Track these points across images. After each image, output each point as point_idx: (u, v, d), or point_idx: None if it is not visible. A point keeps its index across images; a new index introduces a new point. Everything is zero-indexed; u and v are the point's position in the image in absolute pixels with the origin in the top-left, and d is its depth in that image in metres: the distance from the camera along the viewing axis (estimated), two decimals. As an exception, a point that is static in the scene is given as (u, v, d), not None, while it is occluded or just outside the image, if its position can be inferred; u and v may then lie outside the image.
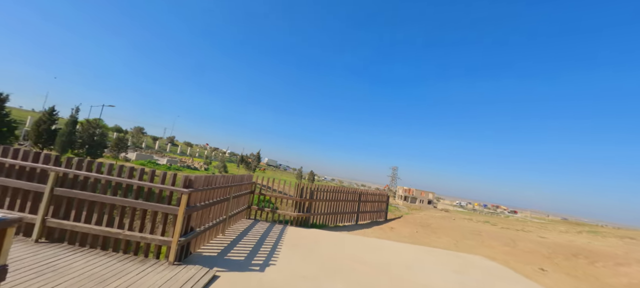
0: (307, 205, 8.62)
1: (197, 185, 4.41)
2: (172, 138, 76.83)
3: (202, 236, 4.88)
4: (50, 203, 4.03)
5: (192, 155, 68.41)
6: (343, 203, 10.33)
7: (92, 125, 25.60)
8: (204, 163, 56.28)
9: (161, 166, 38.55)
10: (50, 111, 24.87)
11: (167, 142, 70.96)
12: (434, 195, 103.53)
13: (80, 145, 24.87)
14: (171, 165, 40.69)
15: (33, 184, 4.02)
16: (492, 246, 9.35)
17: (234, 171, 56.24)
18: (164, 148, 65.56)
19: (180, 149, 70.53)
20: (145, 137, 64.12)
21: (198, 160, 59.09)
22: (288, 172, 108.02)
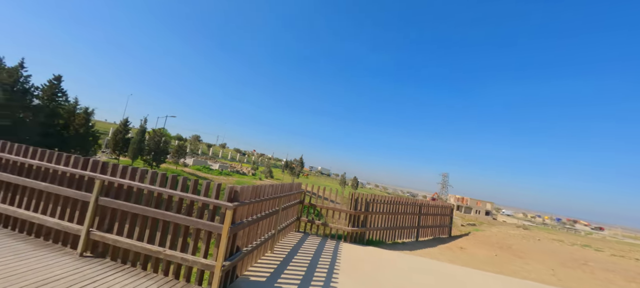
0: (363, 218, 7.52)
1: (243, 197, 3.71)
2: (224, 144, 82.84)
3: (249, 257, 4.18)
4: (96, 214, 3.72)
5: (240, 161, 72.56)
6: (402, 216, 8.95)
7: (157, 134, 28.35)
8: (252, 168, 58.97)
9: (214, 171, 41.26)
10: (124, 122, 28.26)
11: (220, 148, 76.59)
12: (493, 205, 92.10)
13: (148, 152, 27.72)
14: (223, 170, 43.30)
15: (80, 193, 3.76)
16: (613, 282, 6.98)
17: (279, 176, 57.67)
18: (216, 154, 70.85)
19: (231, 155, 75.39)
20: (201, 144, 70.19)
21: (246, 166, 62.25)
22: (330, 178, 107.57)
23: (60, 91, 20.51)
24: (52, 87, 20.10)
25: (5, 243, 3.61)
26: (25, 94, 18.13)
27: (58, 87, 20.40)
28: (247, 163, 70.13)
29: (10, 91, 17.05)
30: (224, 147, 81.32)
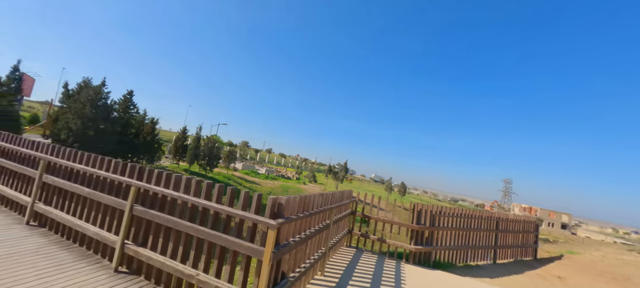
0: (427, 235, 6.23)
1: (289, 212, 2.95)
2: (270, 149, 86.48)
3: (296, 285, 3.39)
4: (131, 225, 3.34)
5: (285, 165, 74.63)
6: (475, 233, 7.33)
7: (211, 141, 30.35)
8: (296, 172, 59.98)
9: (261, 175, 42.83)
10: (183, 131, 30.93)
11: (266, 153, 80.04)
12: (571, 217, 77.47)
13: (203, 157, 29.82)
14: (269, 174, 44.73)
15: (116, 200, 3.44)
16: None
17: (323, 181, 57.46)
18: (263, 159, 74.13)
19: (276, 160, 78.06)
20: (249, 150, 74.26)
21: (291, 170, 63.63)
22: (374, 184, 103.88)
23: (132, 104, 23.21)
24: (126, 101, 22.85)
25: (50, 252, 3.45)
26: (106, 108, 20.84)
27: (130, 101, 23.12)
28: (291, 168, 71.76)
29: (96, 106, 19.76)
30: (270, 152, 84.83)
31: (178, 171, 29.02)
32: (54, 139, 18.96)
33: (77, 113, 18.91)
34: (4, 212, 4.43)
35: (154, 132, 24.49)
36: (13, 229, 3.82)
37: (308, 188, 43.20)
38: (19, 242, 3.52)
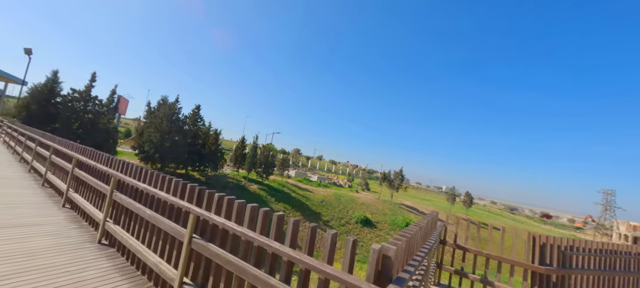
0: (555, 279, 4.47)
1: (398, 266, 1.94)
2: (320, 156, 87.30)
3: None
4: (190, 259, 2.77)
5: (336, 172, 74.05)
6: (629, 278, 5.15)
7: (266, 149, 31.48)
8: (348, 180, 58.78)
9: (313, 183, 42.95)
10: (242, 140, 32.79)
11: (317, 160, 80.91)
12: None
13: (259, 165, 31.08)
14: (321, 181, 44.59)
15: (176, 228, 2.93)
16: None
17: (376, 189, 54.87)
18: (314, 166, 74.96)
19: (327, 167, 78.10)
20: (301, 157, 76.06)
21: (342, 177, 62.67)
22: (434, 192, 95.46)
23: (199, 117, 25.47)
24: (194, 115, 25.17)
25: (113, 281, 3.11)
26: (179, 121, 23.21)
27: (198, 114, 25.40)
28: (342, 175, 70.79)
29: (171, 120, 22.13)
30: (321, 159, 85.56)
31: (238, 178, 30.82)
32: (139, 150, 21.79)
33: (156, 127, 21.40)
34: (83, 227, 4.48)
35: (217, 142, 26.41)
36: (84, 249, 3.69)
37: (361, 197, 41.54)
38: (86, 266, 3.29)
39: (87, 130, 18.05)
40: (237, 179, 30.08)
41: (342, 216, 32.48)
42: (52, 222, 4.47)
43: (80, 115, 18.23)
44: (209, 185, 25.11)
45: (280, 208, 27.49)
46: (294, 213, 28.01)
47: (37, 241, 3.67)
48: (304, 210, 29.65)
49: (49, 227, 4.20)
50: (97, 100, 19.18)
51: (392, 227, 33.95)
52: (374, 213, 36.44)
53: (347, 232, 29.45)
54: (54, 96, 17.99)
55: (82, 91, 18.58)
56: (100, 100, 19.31)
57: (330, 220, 30.17)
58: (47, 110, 17.49)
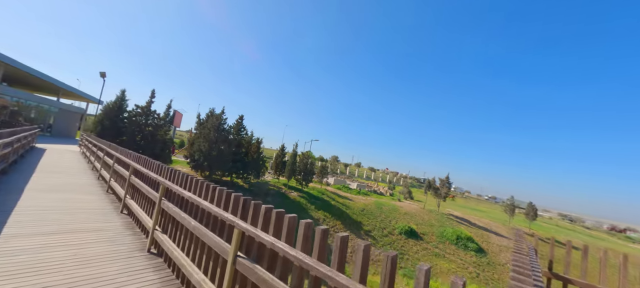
0: None
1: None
2: (359, 164, 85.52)
3: None
4: (234, 281, 2.38)
5: (376, 180, 71.59)
6: None
7: (305, 157, 31.60)
8: (388, 188, 56.26)
9: (353, 190, 41.89)
10: (281, 149, 33.44)
11: (355, 167, 79.37)
12: None
13: (299, 172, 31.28)
14: (360, 189, 43.28)
15: (220, 244, 2.59)
16: None
17: (420, 198, 51.45)
18: (353, 173, 73.58)
19: (366, 174, 76.04)
20: (339, 164, 75.36)
21: (382, 185, 60.27)
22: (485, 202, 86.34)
23: (242, 127, 26.63)
24: (238, 125, 26.38)
25: (157, 297, 2.89)
26: (224, 131, 24.50)
27: (241, 124, 26.58)
28: (382, 183, 68.14)
29: (217, 130, 23.46)
30: (359, 166, 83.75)
31: (279, 185, 31.40)
32: (191, 159, 23.45)
33: (205, 137, 22.84)
34: (136, 234, 4.51)
35: (259, 150, 27.26)
36: (133, 258, 3.61)
37: (404, 206, 39.18)
38: (133, 278, 3.15)
39: (148, 141, 19.97)
40: (278, 186, 30.63)
41: (385, 226, 30.84)
42: (109, 228, 4.59)
43: (142, 128, 20.30)
44: (252, 193, 25.92)
45: (320, 216, 27.12)
46: (333, 222, 27.40)
47: (92, 248, 3.70)
48: (344, 219, 28.83)
49: (105, 234, 4.29)
50: (156, 114, 21.21)
51: (441, 240, 31.16)
52: (420, 224, 33.94)
53: (391, 244, 27.76)
54: (121, 112, 20.39)
55: (143, 107, 20.75)
56: (158, 114, 21.33)
57: (371, 230, 28.83)
58: (116, 124, 19.85)
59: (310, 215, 26.75)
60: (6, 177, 6.82)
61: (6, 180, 6.60)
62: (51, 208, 5.10)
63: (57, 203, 5.47)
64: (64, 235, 3.95)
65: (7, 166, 7.23)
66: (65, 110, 31.30)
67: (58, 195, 6.01)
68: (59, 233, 4.00)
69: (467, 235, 31.65)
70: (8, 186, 6.07)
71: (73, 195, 6.27)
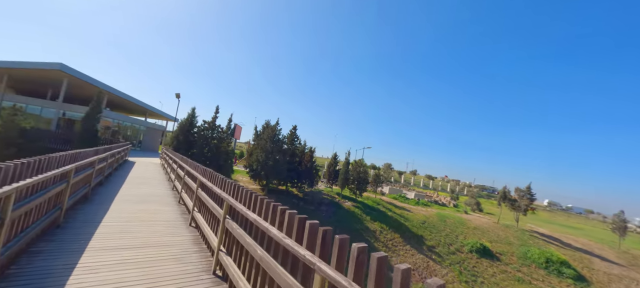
0: None
1: None
2: (414, 171, 79.87)
3: None
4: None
5: (435, 189, 65.62)
6: None
7: (359, 165, 30.56)
8: (451, 198, 50.77)
9: (410, 201, 38.86)
10: (334, 157, 33.06)
11: (411, 176, 74.28)
12: None
13: (352, 181, 30.36)
14: (419, 199, 39.91)
15: (292, 286, 2.01)
16: None
17: (492, 210, 44.90)
18: (408, 182, 68.93)
19: (423, 182, 70.48)
20: (393, 172, 71.51)
21: (443, 195, 54.78)
22: (580, 217, 70.93)
23: (296, 137, 27.15)
24: (292, 135, 26.98)
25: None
26: (279, 142, 25.28)
27: (295, 134, 27.13)
28: (443, 192, 62.03)
29: (273, 141, 24.34)
30: (415, 174, 78.16)
31: (332, 194, 30.96)
32: (250, 168, 24.77)
33: (262, 148, 23.87)
34: (203, 251, 4.37)
35: (312, 159, 27.36)
36: (199, 282, 3.35)
37: (472, 220, 34.57)
38: (199, 309, 2.82)
39: (213, 153, 21.78)
40: (331, 195, 30.19)
41: (451, 242, 27.48)
42: (178, 242, 4.56)
43: (209, 141, 22.29)
44: (306, 201, 26.01)
45: (376, 228, 25.59)
46: (391, 235, 25.52)
47: (162, 267, 3.59)
48: (403, 232, 26.66)
49: (174, 250, 4.23)
50: (220, 128, 23.10)
51: (524, 262, 26.26)
52: (494, 242, 29.35)
53: (459, 262, 24.45)
54: (192, 127, 22.76)
55: (209, 122, 22.83)
56: (222, 128, 23.20)
57: (435, 246, 25.94)
58: (188, 138, 22.22)
59: (365, 226, 25.49)
60: (102, 188, 7.77)
61: (102, 191, 7.48)
62: (132, 219, 5.41)
63: (138, 214, 5.82)
64: (139, 251, 3.98)
65: (104, 179, 8.22)
66: (151, 128, 36.81)
67: (139, 206, 6.47)
68: (135, 248, 4.06)
69: (560, 258, 26.01)
70: (102, 197, 6.81)
71: (151, 206, 6.70)
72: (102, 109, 18.91)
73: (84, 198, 6.32)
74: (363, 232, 24.33)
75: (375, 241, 23.87)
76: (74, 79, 21.16)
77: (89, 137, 17.78)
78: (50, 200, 4.11)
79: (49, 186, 3.86)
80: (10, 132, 15.06)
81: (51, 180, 3.94)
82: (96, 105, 18.49)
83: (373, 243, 23.57)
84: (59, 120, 23.43)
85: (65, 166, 4.31)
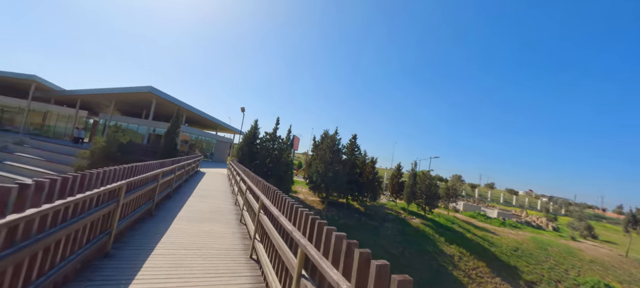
0: None
1: None
2: (492, 184, 68.59)
3: None
4: None
5: (521, 206, 54.83)
6: None
7: (426, 177, 27.00)
8: (546, 218, 41.20)
9: (493, 220, 32.57)
10: (397, 167, 30.12)
11: (487, 189, 64.05)
12: None
13: (420, 195, 26.90)
14: (505, 219, 33.19)
15: None
16: None
17: (613, 237, 34.36)
18: (484, 197, 59.54)
19: (503, 198, 60.03)
20: (464, 185, 62.83)
21: (535, 214, 44.99)
22: None
23: (356, 146, 25.50)
24: (352, 144, 25.43)
25: None
26: (338, 152, 24.02)
27: (355, 144, 25.52)
28: (533, 210, 51.17)
29: (332, 151, 23.22)
30: (492, 188, 67.07)
31: (396, 209, 27.98)
32: (309, 180, 24.07)
33: (321, 159, 22.95)
34: None
35: (374, 171, 25.20)
36: None
37: (585, 249, 26.79)
38: None
39: (274, 164, 21.78)
40: (396, 210, 27.26)
41: (559, 278, 21.45)
42: (233, 284, 3.41)
43: (270, 152, 22.47)
44: (368, 216, 23.88)
45: (454, 252, 21.66)
46: (474, 262, 21.22)
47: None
48: (489, 260, 21.96)
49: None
50: (281, 139, 23.14)
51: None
52: (627, 283, 21.86)
53: (576, 308, 18.62)
54: (255, 139, 23.37)
55: (271, 133, 23.11)
56: (282, 139, 23.21)
57: (537, 282, 20.50)
58: (251, 150, 22.82)
59: (440, 248, 21.84)
60: (169, 202, 7.51)
61: (166, 206, 7.16)
62: (188, 246, 4.59)
63: (197, 239, 5.04)
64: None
65: (172, 191, 8.03)
66: (220, 141, 40.15)
67: (200, 227, 5.78)
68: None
69: None
70: (165, 214, 6.38)
71: (213, 226, 5.97)
72: (180, 124, 20.76)
73: (147, 213, 5.94)
74: (438, 256, 20.82)
75: (453, 268, 20.08)
76: (160, 99, 24.10)
77: (170, 150, 19.60)
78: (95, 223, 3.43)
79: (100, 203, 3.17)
80: (111, 147, 17.45)
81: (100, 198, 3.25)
82: (175, 121, 20.40)
83: (451, 270, 19.85)
84: (149, 136, 27.03)
85: (115, 182, 3.63)
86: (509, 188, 70.08)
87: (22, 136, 24.20)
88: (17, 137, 23.68)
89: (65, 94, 28.03)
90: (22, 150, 21.02)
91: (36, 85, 27.03)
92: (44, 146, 22.24)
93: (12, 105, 28.29)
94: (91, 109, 33.51)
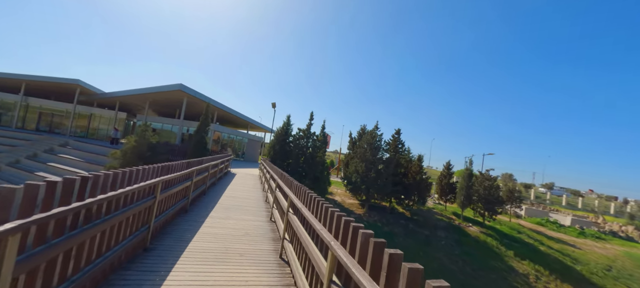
0: None
1: None
2: (551, 185, 59.72)
3: None
4: None
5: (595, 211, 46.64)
6: None
7: (485, 177, 22.96)
8: (633, 226, 33.89)
9: (569, 230, 27.14)
10: (447, 167, 26.30)
11: (545, 190, 55.94)
12: None
13: (477, 199, 22.95)
14: (583, 228, 27.53)
15: None
16: None
17: None
18: (541, 199, 52.10)
19: (566, 200, 51.99)
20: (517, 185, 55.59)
21: (614, 220, 37.51)
22: None
23: (400, 143, 22.40)
24: (395, 141, 22.38)
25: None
26: (379, 149, 21.15)
27: (399, 140, 22.43)
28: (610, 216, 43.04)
29: (373, 148, 20.45)
30: (551, 188, 58.45)
31: (447, 214, 24.30)
32: (348, 181, 21.57)
33: (360, 157, 20.30)
34: None
35: (421, 170, 21.91)
36: None
37: None
38: None
39: (309, 163, 19.64)
40: (447, 216, 23.61)
41: (681, 310, 16.38)
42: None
43: (304, 150, 20.39)
44: (417, 223, 20.71)
45: (529, 270, 17.67)
46: (556, 283, 17.06)
47: None
48: (576, 281, 17.59)
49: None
50: (315, 136, 20.96)
51: None
52: None
53: None
54: (287, 136, 21.46)
55: (304, 130, 21.02)
56: (317, 136, 21.00)
57: (651, 315, 15.76)
58: (284, 148, 20.95)
59: (509, 265, 17.99)
60: (199, 202, 6.78)
61: (196, 207, 6.31)
62: (214, 250, 3.63)
63: (223, 244, 3.57)
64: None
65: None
66: (252, 139, 39.30)
67: (228, 229, 3.70)
68: None
69: None
70: (199, 211, 5.84)
71: (241, 227, 3.91)
72: (209, 122, 19.54)
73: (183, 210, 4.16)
74: (507, 274, 17.04)
75: (530, 291, 16.22)
76: (191, 97, 23.30)
77: (199, 149, 18.42)
78: None
79: None
80: (141, 146, 16.60)
81: None
82: (205, 119, 19.19)
83: (529, 294, 16.04)
84: (182, 135, 26.57)
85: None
86: (573, 190, 60.68)
87: (67, 138, 25.05)
88: (62, 139, 24.53)
89: (105, 97, 28.77)
90: (65, 152, 21.45)
91: (80, 90, 28.06)
92: (84, 147, 22.60)
93: (61, 109, 29.82)
94: (130, 110, 34.46)
